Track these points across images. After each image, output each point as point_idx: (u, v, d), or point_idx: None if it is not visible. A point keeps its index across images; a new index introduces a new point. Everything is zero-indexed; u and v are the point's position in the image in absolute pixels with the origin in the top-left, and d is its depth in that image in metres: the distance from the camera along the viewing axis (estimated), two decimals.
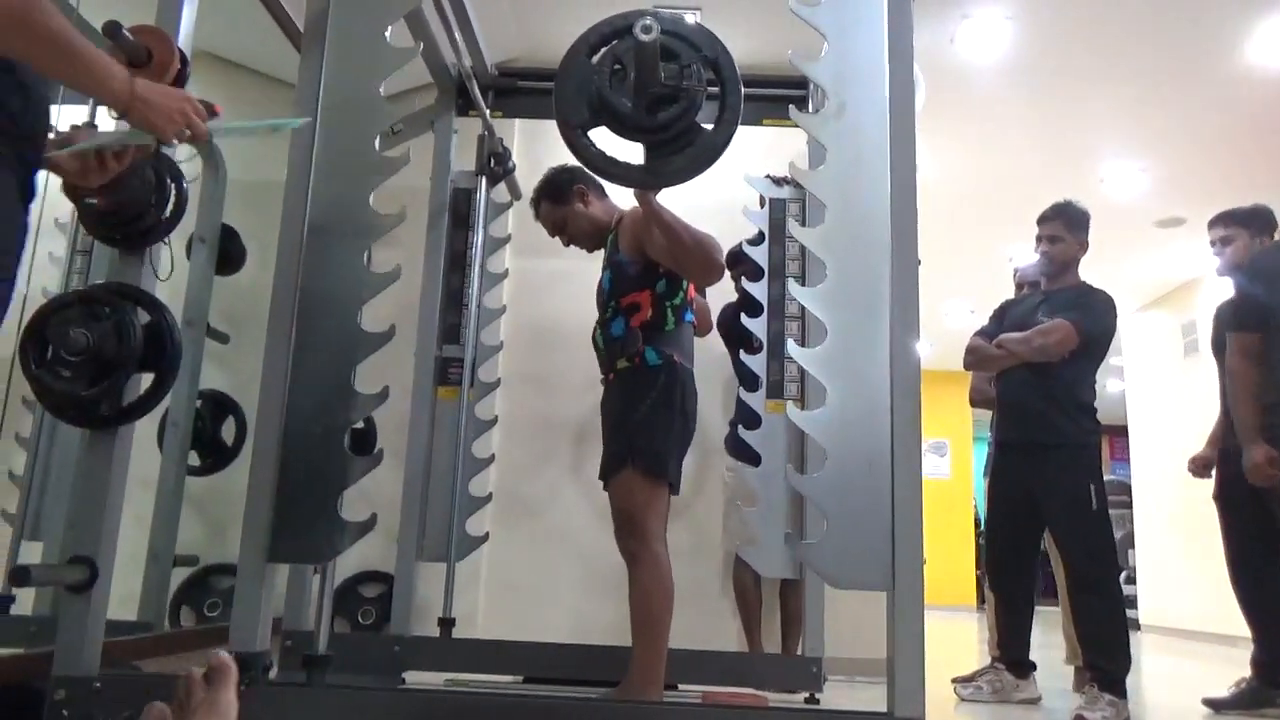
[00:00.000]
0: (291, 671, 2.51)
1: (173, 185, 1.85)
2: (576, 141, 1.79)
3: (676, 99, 1.74)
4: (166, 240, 1.88)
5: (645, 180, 1.97)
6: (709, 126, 1.79)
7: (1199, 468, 3.73)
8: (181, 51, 1.73)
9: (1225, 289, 3.67)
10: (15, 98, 1.20)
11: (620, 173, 1.84)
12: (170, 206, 1.85)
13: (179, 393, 2.90)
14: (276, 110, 1.74)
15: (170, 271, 1.84)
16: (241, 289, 3.32)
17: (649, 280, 2.49)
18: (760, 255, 3.27)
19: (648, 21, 1.67)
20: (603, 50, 1.80)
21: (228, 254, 3.07)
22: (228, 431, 3.28)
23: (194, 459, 3.19)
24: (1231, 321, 3.30)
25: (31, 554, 2.50)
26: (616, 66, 1.76)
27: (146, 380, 1.79)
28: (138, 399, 1.78)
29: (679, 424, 2.43)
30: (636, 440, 2.38)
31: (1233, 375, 3.21)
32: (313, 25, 1.96)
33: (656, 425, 2.40)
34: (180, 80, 1.85)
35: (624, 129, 1.79)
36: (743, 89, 1.79)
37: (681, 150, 1.77)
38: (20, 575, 1.66)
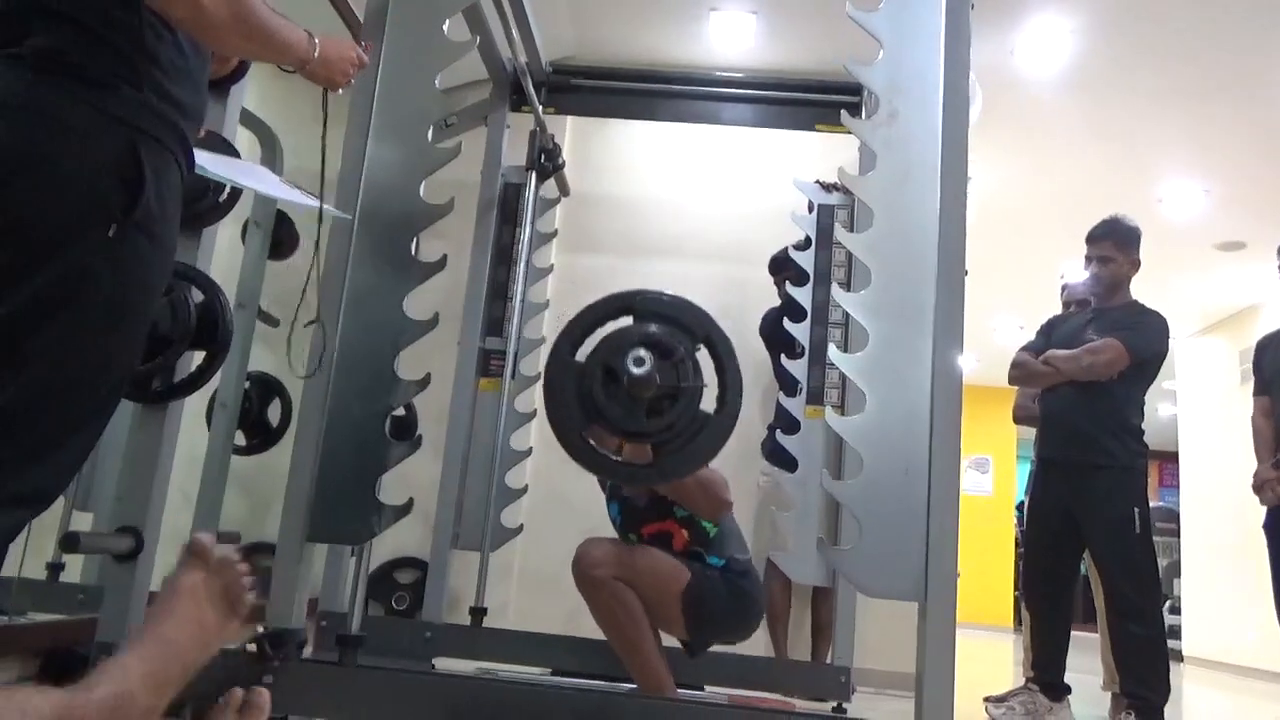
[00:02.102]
0: (325, 651, 2.55)
1: None
2: (576, 446, 1.70)
3: (677, 398, 1.67)
4: None
5: (658, 478, 1.93)
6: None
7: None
8: None
9: None
10: (186, 89, 1.26)
11: (631, 475, 1.79)
12: (227, 190, 1.89)
13: (228, 373, 2.96)
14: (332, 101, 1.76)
15: None
16: (294, 274, 3.38)
17: (663, 511, 2.37)
18: (806, 260, 3.26)
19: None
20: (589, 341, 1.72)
21: (281, 239, 3.13)
22: (274, 413, 3.35)
23: (240, 439, 3.26)
24: None
25: (82, 524, 2.57)
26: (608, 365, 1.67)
27: (198, 358, 1.83)
28: (189, 376, 1.83)
29: (736, 616, 2.38)
30: (692, 603, 2.28)
31: None
32: (373, 16, 2.00)
33: (717, 605, 2.32)
34: (239, 73, 1.90)
35: (626, 434, 1.71)
36: (738, 362, 1.72)
37: (691, 441, 1.69)
38: (70, 541, 1.71)
